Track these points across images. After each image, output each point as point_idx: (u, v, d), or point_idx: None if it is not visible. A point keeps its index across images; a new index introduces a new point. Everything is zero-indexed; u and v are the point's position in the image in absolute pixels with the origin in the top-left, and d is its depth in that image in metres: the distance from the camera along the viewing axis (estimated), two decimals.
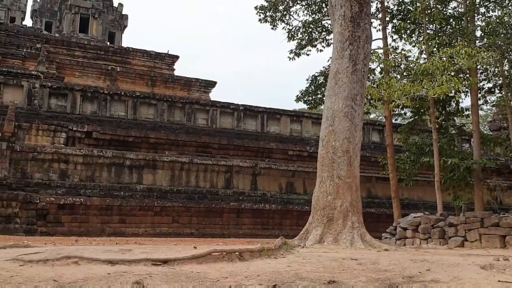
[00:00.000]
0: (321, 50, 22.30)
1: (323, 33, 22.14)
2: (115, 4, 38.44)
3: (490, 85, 22.23)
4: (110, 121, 25.19)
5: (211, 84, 35.42)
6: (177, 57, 36.66)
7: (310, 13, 21.88)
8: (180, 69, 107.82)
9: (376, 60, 17.31)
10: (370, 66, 16.20)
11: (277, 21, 21.60)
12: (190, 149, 25.27)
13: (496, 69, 20.87)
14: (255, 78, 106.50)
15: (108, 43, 36.70)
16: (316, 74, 22.60)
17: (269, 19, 21.58)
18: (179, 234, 20.87)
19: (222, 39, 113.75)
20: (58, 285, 5.25)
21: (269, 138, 27.63)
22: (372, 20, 15.06)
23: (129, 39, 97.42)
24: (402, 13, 20.93)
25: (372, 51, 14.24)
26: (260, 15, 21.46)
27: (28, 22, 38.74)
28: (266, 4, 21.20)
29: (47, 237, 17.59)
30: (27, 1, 38.71)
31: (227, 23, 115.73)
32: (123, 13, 38.62)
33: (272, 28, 21.58)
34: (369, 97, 18.05)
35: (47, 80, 25.43)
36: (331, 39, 21.64)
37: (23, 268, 5.89)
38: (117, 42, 37.32)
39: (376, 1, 20.51)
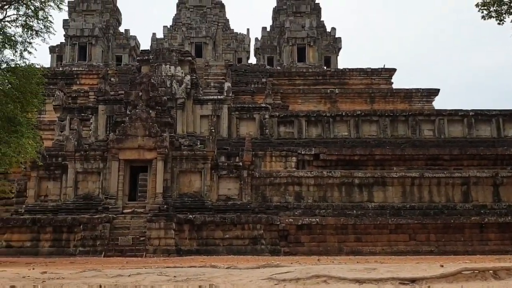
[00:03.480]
0: None
1: None
2: (328, 29, 39.68)
3: None
4: (334, 141, 26.07)
5: (434, 92, 33.75)
6: (394, 70, 35.98)
7: None
8: (398, 81, 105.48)
9: None
10: None
11: (504, 15, 19.61)
12: (418, 162, 24.46)
13: None
14: (479, 80, 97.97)
15: (325, 67, 38.01)
16: None
17: (493, 14, 19.74)
18: (417, 252, 20.08)
19: (437, 42, 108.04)
20: None
21: (508, 143, 25.15)
22: None
23: (344, 59, 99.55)
24: None
25: None
26: (483, 12, 19.82)
27: (252, 60, 42.69)
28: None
29: (290, 256, 18.70)
30: (250, 41, 42.71)
31: (438, 25, 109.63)
32: (337, 36, 39.62)
33: (498, 23, 19.69)
34: None
35: (274, 110, 27.66)
36: None
37: (278, 287, 6.31)
38: (333, 65, 38.39)
39: None
